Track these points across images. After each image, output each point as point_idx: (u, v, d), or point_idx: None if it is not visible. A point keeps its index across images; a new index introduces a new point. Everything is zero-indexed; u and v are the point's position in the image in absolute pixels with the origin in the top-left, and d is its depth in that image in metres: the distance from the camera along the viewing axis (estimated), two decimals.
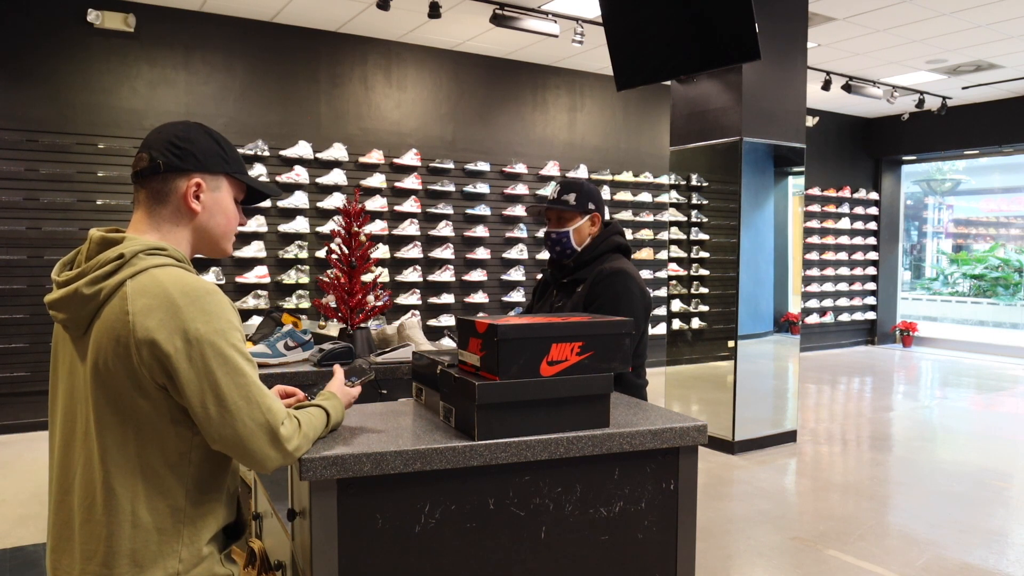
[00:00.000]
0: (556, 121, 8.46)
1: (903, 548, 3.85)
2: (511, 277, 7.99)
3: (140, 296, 1.28)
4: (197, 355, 1.27)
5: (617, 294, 2.34)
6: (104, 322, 1.29)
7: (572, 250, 2.48)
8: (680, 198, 6.44)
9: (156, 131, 1.42)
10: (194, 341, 1.27)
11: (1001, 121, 9.99)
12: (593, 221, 2.50)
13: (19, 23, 5.89)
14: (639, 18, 5.10)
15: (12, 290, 5.85)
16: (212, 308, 1.30)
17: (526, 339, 1.58)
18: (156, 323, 1.26)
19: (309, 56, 7.07)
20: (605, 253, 2.47)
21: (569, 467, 1.65)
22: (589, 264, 2.46)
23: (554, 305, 2.52)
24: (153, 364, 1.26)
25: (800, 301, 7.28)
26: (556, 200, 2.49)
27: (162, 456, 1.31)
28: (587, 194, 2.49)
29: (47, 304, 1.36)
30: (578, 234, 2.49)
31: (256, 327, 2.72)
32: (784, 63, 5.82)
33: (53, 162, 5.98)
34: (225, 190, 1.46)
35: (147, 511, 1.31)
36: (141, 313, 1.27)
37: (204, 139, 1.42)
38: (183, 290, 1.29)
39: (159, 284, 1.29)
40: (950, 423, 6.82)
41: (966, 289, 13.77)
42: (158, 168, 1.38)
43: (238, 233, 6.64)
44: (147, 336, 1.26)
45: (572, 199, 2.47)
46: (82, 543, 1.32)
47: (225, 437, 1.29)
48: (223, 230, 1.48)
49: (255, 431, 1.31)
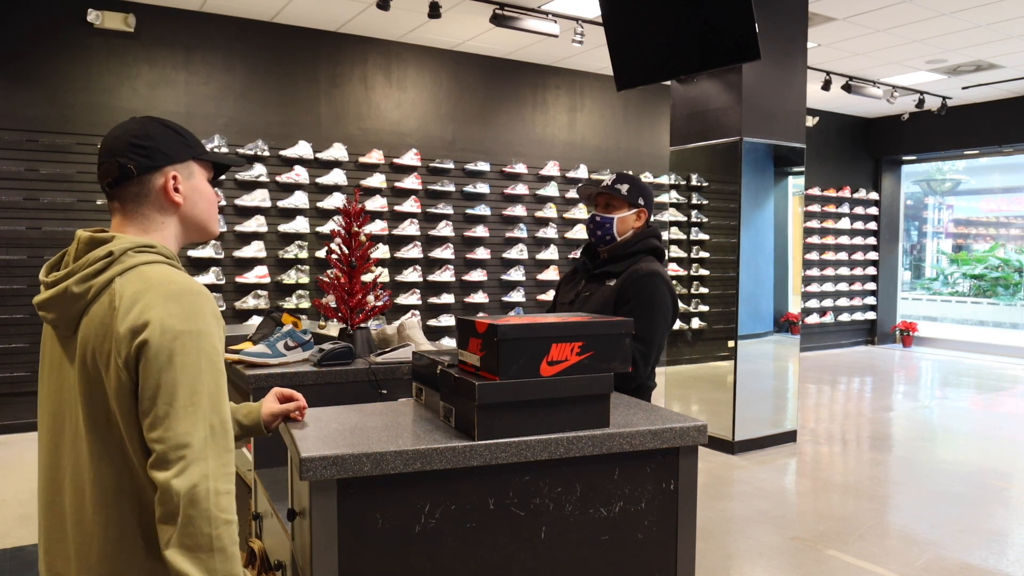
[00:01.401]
0: (556, 121, 8.46)
1: (903, 548, 3.85)
2: (511, 277, 7.99)
3: (127, 292, 1.28)
4: (165, 349, 1.24)
5: (652, 297, 2.39)
6: (92, 319, 1.29)
7: (612, 236, 2.53)
8: (680, 198, 6.44)
9: (112, 137, 1.39)
10: (167, 335, 1.24)
11: (1001, 121, 9.99)
12: (639, 216, 2.56)
13: (19, 23, 5.89)
14: (639, 18, 5.10)
15: (12, 290, 5.85)
16: (194, 308, 1.28)
17: (526, 339, 1.58)
18: (137, 314, 1.25)
19: (309, 56, 7.07)
20: (640, 252, 2.51)
21: (569, 467, 1.65)
22: (623, 259, 2.50)
23: (580, 294, 2.56)
24: (131, 358, 1.25)
25: (800, 301, 7.28)
26: (610, 186, 2.55)
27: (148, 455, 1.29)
28: (640, 189, 2.56)
29: (36, 305, 1.35)
30: (622, 223, 2.53)
31: (256, 327, 2.72)
32: (784, 63, 5.82)
33: (53, 162, 5.98)
34: (198, 174, 1.46)
35: (138, 510, 1.30)
36: (125, 307, 1.26)
37: (162, 131, 1.41)
38: (168, 287, 1.29)
39: (146, 280, 1.29)
40: (950, 423, 6.82)
41: (966, 289, 13.77)
42: (131, 173, 1.37)
43: (238, 233, 6.65)
44: (129, 328, 1.25)
45: (624, 189, 2.53)
46: (76, 543, 1.32)
47: (163, 439, 1.22)
48: (208, 214, 1.48)
49: (188, 441, 1.23)
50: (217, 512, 1.22)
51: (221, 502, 1.23)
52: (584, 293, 2.54)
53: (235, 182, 6.67)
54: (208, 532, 1.21)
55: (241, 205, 6.63)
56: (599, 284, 2.52)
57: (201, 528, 1.20)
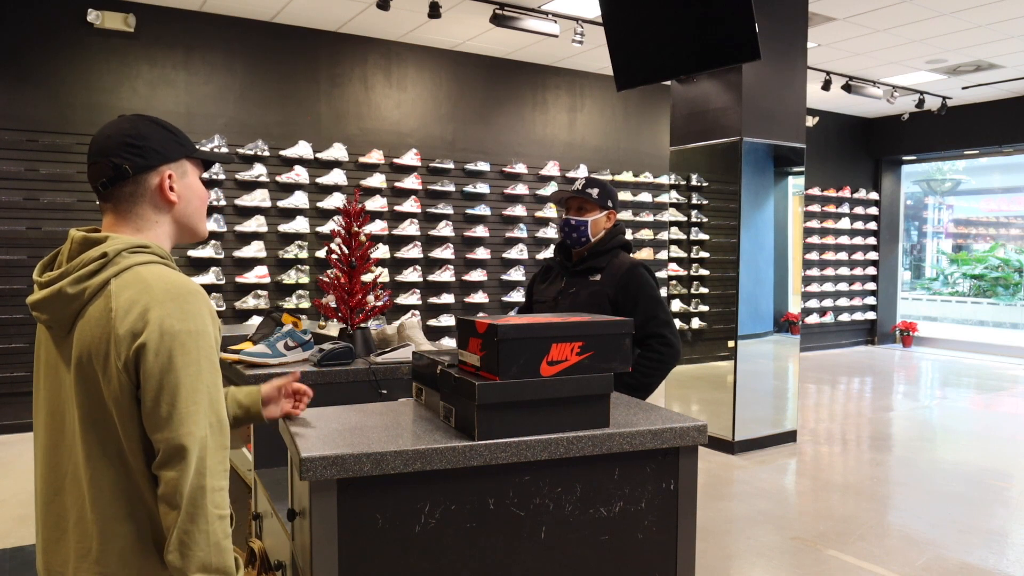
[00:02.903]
0: (556, 121, 8.46)
1: (903, 548, 3.85)
2: (511, 277, 7.99)
3: (124, 293, 1.28)
4: (165, 349, 1.25)
5: (649, 286, 2.63)
6: (88, 321, 1.29)
7: (587, 238, 2.72)
8: (680, 198, 6.44)
9: (104, 136, 1.38)
10: (166, 335, 1.25)
11: (1001, 121, 9.99)
12: (609, 217, 2.76)
13: (19, 23, 5.89)
14: (639, 18, 5.10)
15: (12, 290, 5.85)
16: (191, 308, 1.29)
17: (526, 339, 1.58)
18: (136, 316, 1.26)
19: (309, 56, 7.07)
20: (614, 248, 2.73)
21: (569, 467, 1.64)
22: (602, 255, 2.71)
23: (565, 291, 2.71)
24: (130, 361, 1.25)
25: (800, 301, 7.28)
26: (582, 191, 2.73)
27: (146, 455, 1.30)
28: (608, 193, 2.75)
29: (30, 305, 1.34)
30: (595, 225, 2.73)
31: (256, 327, 2.72)
32: (784, 63, 5.82)
33: (53, 162, 5.98)
34: (191, 172, 1.46)
35: (137, 508, 1.31)
36: (123, 309, 1.26)
37: (156, 130, 1.40)
38: (166, 287, 1.29)
39: (143, 281, 1.29)
40: (950, 423, 6.82)
41: (966, 289, 13.77)
42: (126, 173, 1.36)
43: (238, 233, 6.65)
44: (127, 330, 1.25)
45: (595, 193, 2.71)
46: (76, 542, 1.32)
47: (168, 439, 1.25)
48: (200, 212, 1.48)
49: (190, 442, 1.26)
50: (213, 508, 1.26)
51: (217, 498, 1.27)
52: (570, 290, 2.70)
53: (235, 182, 6.67)
54: (205, 528, 1.25)
55: (241, 205, 6.63)
56: (583, 280, 2.70)
57: (199, 525, 1.25)
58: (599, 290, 2.65)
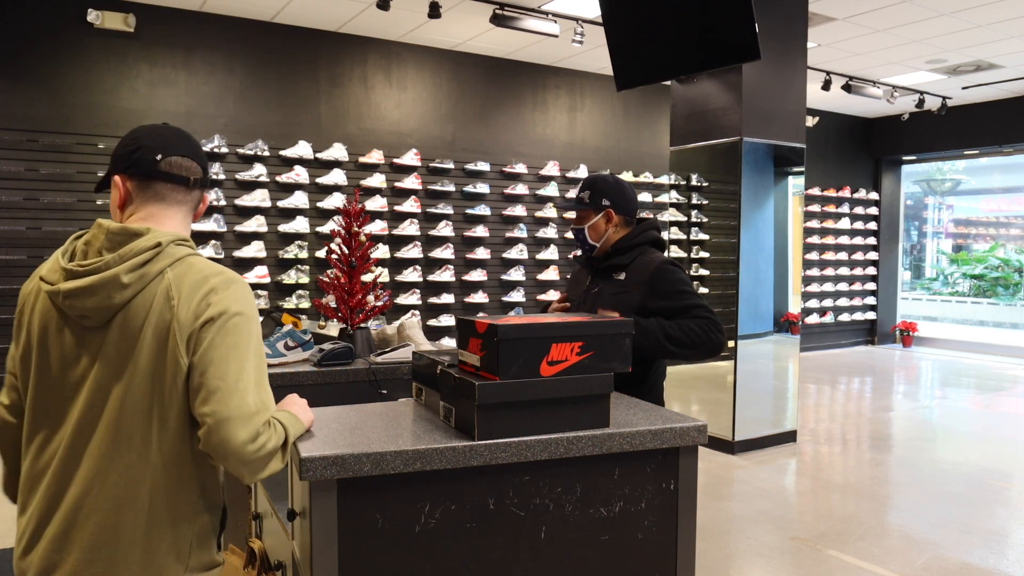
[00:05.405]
0: (556, 121, 8.46)
1: (903, 548, 3.85)
2: (511, 277, 7.99)
3: (183, 282, 1.34)
4: (230, 327, 1.34)
5: (680, 280, 2.42)
6: (137, 311, 1.32)
7: (590, 245, 2.56)
8: (680, 198, 6.44)
9: (191, 140, 1.49)
10: (228, 315, 1.34)
11: (1001, 121, 9.99)
12: (608, 216, 2.54)
13: (19, 23, 5.89)
14: (639, 18, 5.10)
15: (12, 290, 5.85)
16: (245, 294, 1.41)
17: (526, 339, 1.58)
18: (199, 300, 1.33)
19: (309, 56, 7.07)
20: (642, 244, 2.53)
21: (569, 467, 1.65)
22: (626, 252, 2.52)
23: (590, 290, 2.58)
24: (192, 340, 1.32)
25: (800, 301, 7.28)
26: (574, 200, 2.60)
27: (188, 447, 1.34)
28: (602, 191, 2.55)
29: (63, 293, 1.32)
30: (593, 231, 2.55)
31: None
32: (784, 63, 5.82)
33: (53, 162, 5.98)
34: None
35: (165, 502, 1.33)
36: (187, 295, 1.33)
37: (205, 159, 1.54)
38: (220, 275, 1.39)
39: (198, 271, 1.37)
40: (950, 423, 6.82)
41: (966, 289, 13.77)
42: (207, 183, 1.53)
43: (238, 233, 6.66)
44: (191, 313, 1.32)
45: (586, 197, 2.55)
46: (91, 535, 1.32)
47: (217, 412, 1.29)
48: None
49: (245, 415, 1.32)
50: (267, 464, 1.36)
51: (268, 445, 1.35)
52: (593, 289, 2.57)
53: (235, 182, 6.67)
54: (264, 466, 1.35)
55: (241, 205, 6.63)
56: (607, 278, 2.55)
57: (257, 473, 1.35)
58: (622, 290, 2.48)
